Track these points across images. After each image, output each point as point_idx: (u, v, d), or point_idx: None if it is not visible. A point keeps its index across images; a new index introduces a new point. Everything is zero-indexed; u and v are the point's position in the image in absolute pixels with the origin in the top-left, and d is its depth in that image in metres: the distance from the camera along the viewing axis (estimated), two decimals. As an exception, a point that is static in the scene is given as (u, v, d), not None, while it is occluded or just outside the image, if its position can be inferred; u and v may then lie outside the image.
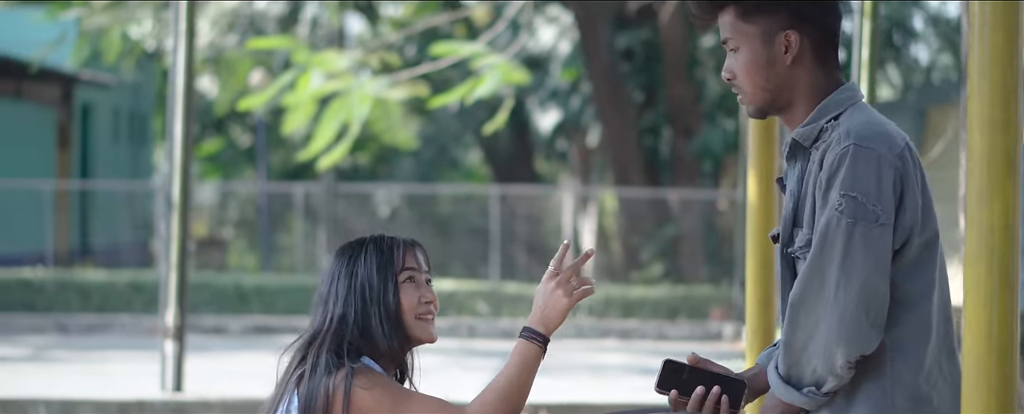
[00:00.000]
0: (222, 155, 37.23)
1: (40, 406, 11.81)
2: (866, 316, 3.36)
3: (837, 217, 3.37)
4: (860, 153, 3.39)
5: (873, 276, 3.36)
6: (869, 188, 3.38)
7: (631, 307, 19.92)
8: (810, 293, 3.39)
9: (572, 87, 26.36)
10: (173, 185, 11.73)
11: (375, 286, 3.67)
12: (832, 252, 3.36)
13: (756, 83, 3.54)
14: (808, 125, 3.51)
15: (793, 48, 3.51)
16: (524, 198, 26.09)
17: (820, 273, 3.37)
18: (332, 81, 13.11)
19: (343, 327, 3.65)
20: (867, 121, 3.46)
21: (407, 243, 3.77)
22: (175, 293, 11.64)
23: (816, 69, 3.54)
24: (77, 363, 15.17)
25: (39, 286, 19.47)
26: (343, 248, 3.76)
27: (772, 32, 3.51)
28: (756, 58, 3.52)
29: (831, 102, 3.52)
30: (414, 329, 3.72)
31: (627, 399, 12.80)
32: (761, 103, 3.57)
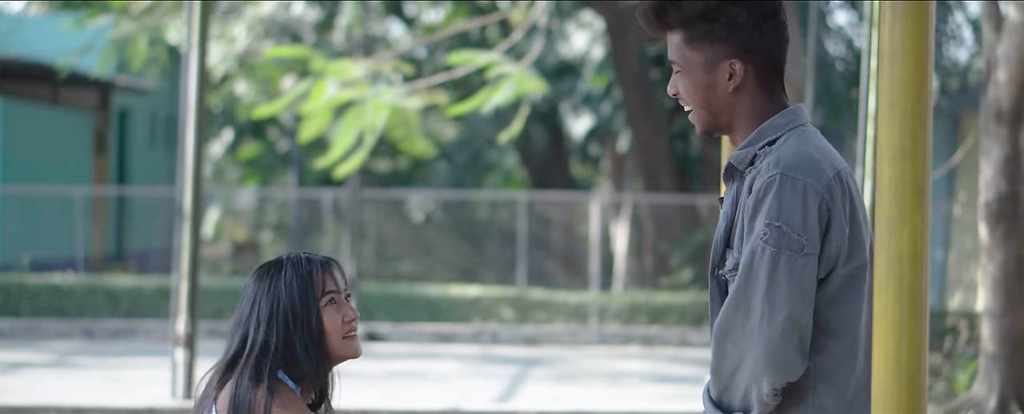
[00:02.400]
0: (261, 160, 37.40)
1: (51, 412, 11.90)
2: (791, 344, 3.38)
3: (762, 246, 3.38)
4: (786, 183, 3.41)
5: (798, 305, 3.38)
6: (794, 218, 3.39)
7: (657, 313, 19.91)
8: (736, 322, 3.41)
9: (604, 93, 26.36)
10: (185, 194, 11.80)
11: (298, 312, 3.70)
12: (756, 281, 3.39)
13: (696, 102, 3.57)
14: (743, 148, 3.54)
15: (737, 77, 3.54)
16: (554, 204, 26.11)
17: (745, 302, 3.40)
18: (347, 90, 13.16)
19: (265, 352, 3.69)
20: (798, 150, 3.47)
21: (324, 264, 3.77)
22: (186, 301, 11.71)
23: (759, 95, 3.57)
24: (98, 369, 15.28)
25: (68, 291, 19.61)
26: (261, 270, 3.77)
27: (716, 61, 3.53)
28: (697, 83, 3.55)
29: (769, 126, 3.54)
30: (339, 349, 3.76)
31: (639, 408, 12.80)
32: (701, 122, 3.59)
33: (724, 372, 3.45)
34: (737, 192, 3.55)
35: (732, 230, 3.53)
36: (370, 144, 13.40)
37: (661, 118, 23.27)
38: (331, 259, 3.82)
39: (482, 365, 16.44)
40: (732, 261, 3.49)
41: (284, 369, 3.70)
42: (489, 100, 13.26)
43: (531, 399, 13.25)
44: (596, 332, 19.30)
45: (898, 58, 3.45)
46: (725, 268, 3.52)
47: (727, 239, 3.54)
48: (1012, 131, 12.00)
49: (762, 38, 3.55)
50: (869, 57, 10.25)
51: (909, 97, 3.45)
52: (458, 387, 14.05)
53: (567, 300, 20.05)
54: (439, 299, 19.96)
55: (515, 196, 25.41)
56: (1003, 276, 12.12)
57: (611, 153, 29.42)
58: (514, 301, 20.02)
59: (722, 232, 3.56)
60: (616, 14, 22.34)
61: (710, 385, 3.52)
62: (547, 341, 19.08)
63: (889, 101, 3.47)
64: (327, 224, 25.26)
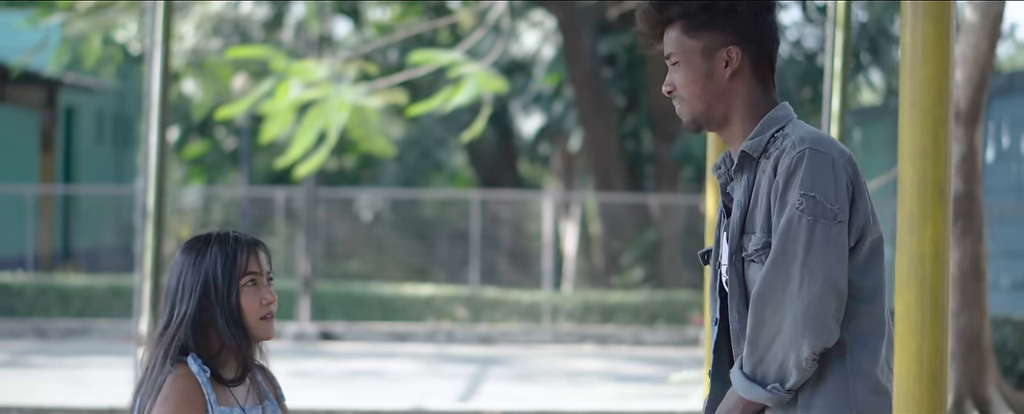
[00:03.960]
0: (207, 158, 37.23)
1: (13, 413, 11.82)
2: (829, 309, 3.49)
3: (798, 215, 3.50)
4: (816, 156, 3.54)
5: (834, 270, 3.50)
6: (827, 188, 3.52)
7: (610, 312, 19.96)
8: (775, 289, 3.51)
9: (555, 92, 26.40)
10: (148, 193, 11.72)
11: (220, 287, 3.78)
12: (795, 249, 3.50)
13: (694, 94, 3.68)
14: (756, 137, 3.64)
15: (734, 63, 3.66)
16: (505, 203, 26.12)
17: (784, 269, 3.50)
18: (310, 90, 13.12)
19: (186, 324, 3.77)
20: (815, 131, 3.62)
21: (250, 245, 3.83)
22: (149, 301, 11.64)
23: (754, 86, 3.70)
24: (54, 369, 15.18)
25: (19, 290, 19.47)
26: (190, 243, 3.85)
27: (714, 47, 3.67)
28: (695, 71, 3.67)
29: (774, 116, 3.67)
30: (255, 330, 3.81)
31: (601, 407, 12.84)
32: (697, 114, 3.70)
33: (761, 341, 3.54)
34: (750, 180, 3.65)
35: (748, 216, 3.63)
36: (332, 143, 13.36)
37: (613, 117, 23.32)
38: (258, 241, 3.87)
39: (440, 364, 16.44)
40: (756, 241, 3.59)
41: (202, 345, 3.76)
42: (451, 100, 13.24)
43: (493, 399, 13.26)
44: (551, 331, 19.33)
45: (919, 60, 3.48)
46: (747, 251, 3.61)
47: (742, 226, 3.64)
48: (968, 130, 12.10)
49: (758, 28, 3.69)
50: (832, 57, 10.29)
51: (930, 98, 3.48)
52: (418, 387, 14.05)
53: (520, 299, 20.07)
54: (392, 298, 19.94)
55: (468, 195, 25.40)
56: (959, 275, 12.22)
57: (561, 152, 29.46)
58: (468, 300, 20.02)
59: (738, 219, 3.64)
60: (568, 13, 22.38)
61: (744, 360, 3.58)
62: (502, 340, 19.09)
63: (910, 102, 3.50)
64: (278, 223, 25.18)
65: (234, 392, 3.81)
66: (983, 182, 12.18)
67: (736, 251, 3.64)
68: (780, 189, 3.55)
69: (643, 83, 24.25)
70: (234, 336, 3.76)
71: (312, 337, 18.96)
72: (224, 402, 3.77)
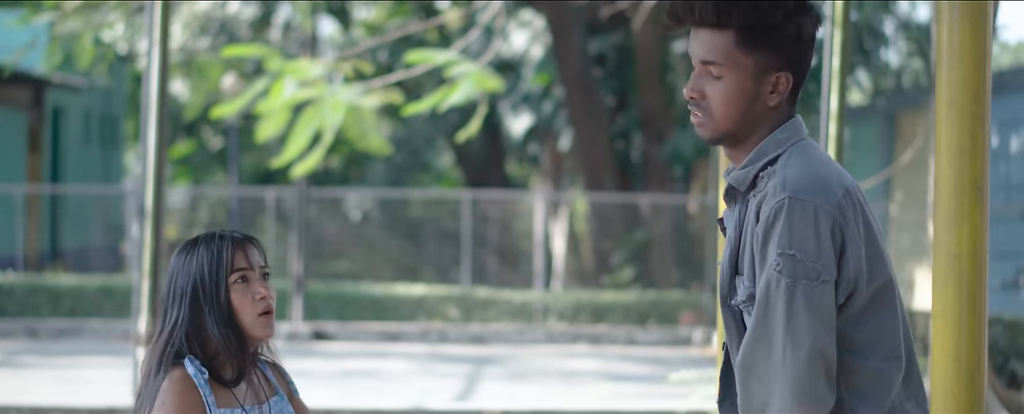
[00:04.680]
0: (193, 158, 37.19)
1: (11, 412, 11.80)
2: (818, 377, 3.23)
3: (776, 278, 3.22)
4: (795, 207, 3.22)
5: (820, 335, 3.22)
6: (807, 244, 3.21)
7: (601, 312, 19.97)
8: (758, 359, 3.26)
9: (544, 91, 26.40)
10: (146, 192, 11.70)
11: (207, 288, 3.71)
12: (775, 315, 3.23)
13: (729, 114, 3.35)
14: (743, 169, 3.37)
15: (782, 90, 3.35)
16: (495, 202, 26.12)
17: (766, 338, 3.24)
18: (305, 89, 13.10)
19: (180, 328, 3.72)
20: (804, 169, 3.29)
21: (237, 241, 3.76)
22: (147, 300, 11.62)
23: (785, 108, 3.40)
24: (48, 369, 15.15)
25: (9, 290, 19.42)
26: (181, 247, 3.79)
27: (766, 70, 3.34)
28: (743, 91, 3.34)
29: (769, 143, 3.36)
30: (250, 328, 3.74)
31: (598, 407, 12.85)
32: (723, 133, 3.38)
33: (752, 410, 3.30)
34: (740, 215, 3.38)
35: (739, 255, 3.37)
36: (328, 143, 13.34)
37: (603, 117, 23.34)
38: (247, 237, 3.79)
39: (434, 364, 16.43)
40: (744, 290, 3.33)
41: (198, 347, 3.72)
42: (447, 99, 13.22)
43: (489, 398, 13.26)
44: (543, 331, 19.34)
45: (956, 58, 3.49)
46: (738, 298, 3.36)
47: (734, 265, 3.38)
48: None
49: (807, 56, 3.38)
50: (831, 57, 10.30)
51: (967, 96, 3.50)
52: (414, 386, 14.04)
53: (512, 299, 20.07)
54: (384, 298, 19.93)
55: (458, 194, 25.40)
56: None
57: (550, 152, 29.47)
58: (459, 300, 20.01)
59: (728, 257, 3.39)
60: (558, 12, 22.38)
61: None
62: (495, 340, 19.09)
63: (948, 100, 3.51)
64: (269, 222, 25.16)
65: (235, 393, 3.75)
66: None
67: (729, 293, 3.39)
68: (760, 242, 3.26)
69: (633, 83, 24.26)
70: (224, 336, 3.70)
71: (305, 337, 18.96)
72: (225, 404, 3.72)
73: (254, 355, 3.86)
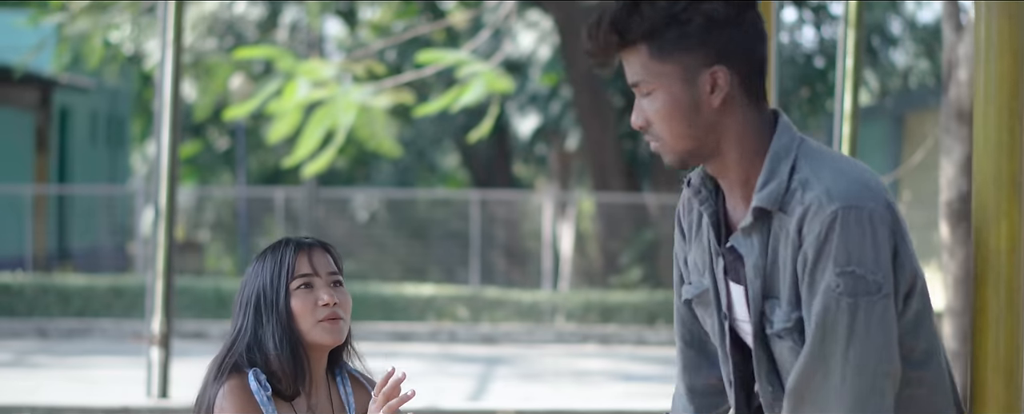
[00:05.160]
0: (199, 158, 37.23)
1: (26, 412, 11.81)
2: (881, 399, 2.98)
3: (836, 299, 2.93)
4: (850, 216, 2.93)
5: (884, 355, 2.97)
6: (865, 256, 2.93)
7: (610, 312, 19.98)
8: (814, 386, 2.97)
9: (552, 92, 26.42)
10: (160, 192, 11.73)
11: (268, 295, 3.62)
12: (834, 338, 2.95)
13: (677, 131, 2.99)
14: (767, 186, 3.00)
15: (722, 87, 2.97)
16: (503, 203, 26.13)
17: (823, 361, 2.96)
18: (318, 90, 13.13)
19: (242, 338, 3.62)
20: (839, 173, 2.98)
21: (300, 247, 3.66)
22: (161, 300, 11.64)
23: (748, 107, 3.01)
24: (59, 369, 15.16)
25: (19, 290, 19.44)
26: (255, 258, 3.71)
27: (695, 70, 2.97)
28: (677, 102, 2.97)
29: (779, 149, 3.02)
30: (311, 334, 3.60)
31: (610, 406, 12.86)
32: (683, 152, 3.02)
33: None
34: (765, 237, 3.03)
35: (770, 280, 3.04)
36: (340, 143, 13.38)
37: (611, 117, 23.34)
38: (316, 242, 3.69)
39: (445, 364, 16.44)
40: (781, 317, 3.02)
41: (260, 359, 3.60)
42: (459, 99, 13.26)
43: (502, 398, 13.28)
44: (553, 331, 19.35)
45: (994, 55, 3.49)
46: (775, 327, 3.04)
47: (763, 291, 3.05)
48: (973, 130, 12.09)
49: (745, 35, 2.99)
50: (845, 56, 10.30)
51: (1006, 93, 3.50)
52: (427, 386, 14.05)
53: (521, 299, 20.08)
54: (393, 298, 19.95)
55: (467, 195, 25.42)
56: (964, 275, 12.22)
57: (558, 152, 29.49)
58: (468, 300, 20.03)
59: (758, 291, 3.05)
60: (566, 13, 22.39)
61: None
62: (505, 340, 19.10)
63: (985, 97, 3.52)
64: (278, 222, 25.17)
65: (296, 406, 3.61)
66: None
67: (759, 321, 3.06)
68: (810, 263, 2.95)
69: (640, 83, 24.26)
70: (279, 348, 3.57)
71: (314, 337, 18.96)
72: None
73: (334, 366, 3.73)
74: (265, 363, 3.59)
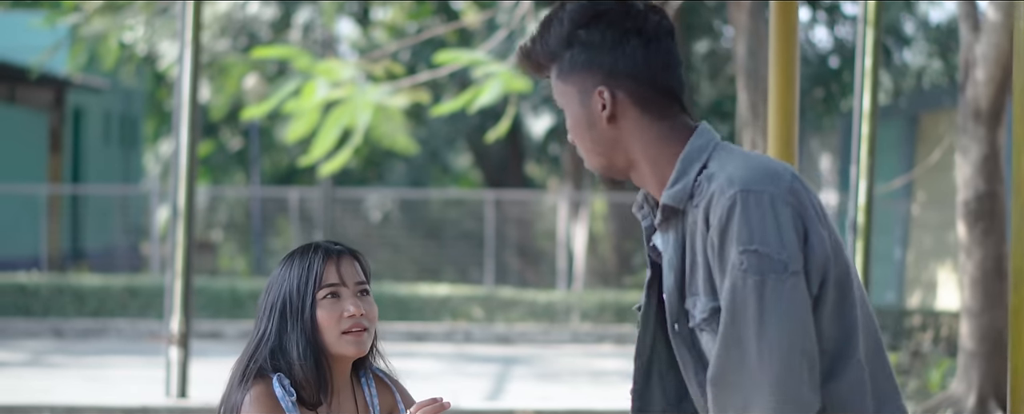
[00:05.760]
0: (212, 159, 37.27)
1: (44, 412, 11.83)
2: (800, 379, 2.93)
3: (741, 277, 2.95)
4: (749, 199, 2.97)
5: (798, 333, 2.94)
6: (768, 236, 2.96)
7: (625, 312, 19.99)
8: (729, 368, 2.96)
9: (565, 92, 26.43)
10: (178, 192, 11.76)
11: (294, 302, 3.58)
12: (745, 317, 2.94)
13: (585, 146, 3.15)
14: (676, 184, 3.07)
15: (607, 104, 3.10)
16: (517, 203, 26.15)
17: (738, 345, 2.95)
18: (336, 89, 13.15)
19: (266, 343, 3.59)
20: (745, 162, 3.05)
21: (329, 255, 3.62)
22: (180, 300, 11.66)
23: (650, 124, 3.11)
24: (76, 368, 15.19)
25: (34, 290, 19.48)
26: (283, 260, 3.66)
27: (586, 91, 3.11)
28: (577, 119, 3.14)
29: (692, 150, 3.09)
30: (337, 346, 3.58)
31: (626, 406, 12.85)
32: (597, 166, 3.16)
33: None
34: (680, 234, 3.09)
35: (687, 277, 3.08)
36: (357, 142, 13.39)
37: (624, 118, 23.34)
38: (344, 250, 3.64)
39: (462, 364, 16.46)
40: (701, 308, 3.04)
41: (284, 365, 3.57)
42: (477, 100, 13.27)
43: (520, 398, 13.29)
44: (569, 331, 19.35)
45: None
46: (695, 319, 3.06)
47: (681, 290, 3.08)
48: (990, 130, 12.07)
49: (626, 59, 3.10)
50: (863, 56, 10.28)
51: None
52: (444, 386, 14.06)
53: (536, 299, 20.09)
54: (408, 298, 19.96)
55: (481, 195, 25.44)
56: (982, 274, 12.20)
57: (571, 153, 29.48)
58: (483, 300, 20.03)
59: (673, 285, 3.09)
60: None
61: None
62: (520, 340, 19.11)
63: (1023, 97, 3.52)
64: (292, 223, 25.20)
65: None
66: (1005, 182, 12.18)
67: (679, 319, 3.08)
68: (716, 247, 2.98)
69: (654, 83, 24.27)
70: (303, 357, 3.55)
71: (329, 337, 18.97)
72: None
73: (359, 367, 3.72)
74: (289, 370, 3.57)
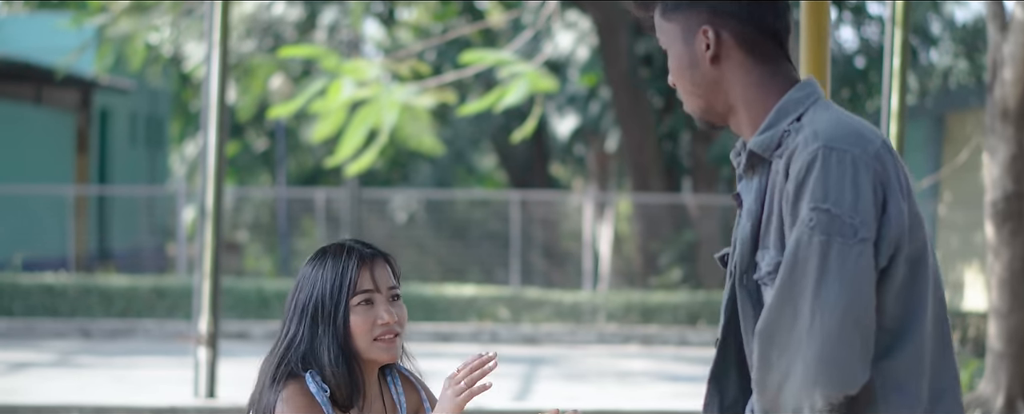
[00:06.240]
0: (238, 159, 37.37)
1: (73, 412, 11.87)
2: (850, 349, 2.83)
3: (808, 235, 2.86)
4: (832, 156, 2.89)
5: (856, 301, 2.84)
6: (843, 197, 2.87)
7: (651, 312, 19.97)
8: (781, 326, 2.88)
9: (590, 93, 26.43)
10: (206, 192, 11.78)
11: (326, 307, 3.57)
12: (804, 276, 2.86)
13: (685, 88, 3.12)
14: (765, 131, 3.03)
15: (711, 44, 3.08)
16: (543, 203, 26.15)
17: (792, 302, 2.87)
18: (362, 89, 13.17)
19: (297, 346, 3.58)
20: (836, 119, 2.98)
21: (364, 260, 3.60)
22: (209, 300, 11.69)
23: (753, 67, 3.07)
24: (104, 369, 15.23)
25: (61, 291, 19.54)
26: (314, 255, 3.66)
27: (691, 29, 3.10)
28: (679, 59, 3.12)
29: (789, 101, 3.03)
30: (369, 352, 3.57)
31: (656, 406, 12.86)
32: (696, 109, 3.13)
33: (770, 386, 2.90)
34: (763, 184, 3.04)
35: (762, 228, 3.01)
36: (383, 142, 13.41)
37: (650, 118, 23.34)
38: (377, 254, 3.63)
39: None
40: (770, 261, 2.96)
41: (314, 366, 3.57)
42: (503, 99, 13.28)
43: (547, 398, 13.29)
44: (595, 331, 19.35)
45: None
46: (760, 271, 2.99)
47: (755, 240, 3.02)
48: (1018, 130, 12.02)
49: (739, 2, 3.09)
50: (891, 56, 10.27)
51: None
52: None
53: (562, 299, 20.09)
54: (435, 299, 19.97)
55: (507, 196, 25.45)
56: (1010, 275, 12.15)
57: (596, 153, 29.49)
58: (509, 300, 20.04)
59: (748, 233, 3.03)
60: (605, 13, 22.39)
61: (754, 403, 2.97)
62: (546, 340, 19.12)
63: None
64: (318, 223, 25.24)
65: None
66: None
67: (747, 270, 3.02)
68: (791, 200, 2.91)
69: (680, 83, 24.26)
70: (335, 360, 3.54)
71: (355, 337, 18.99)
72: None
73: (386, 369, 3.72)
74: (320, 372, 3.57)
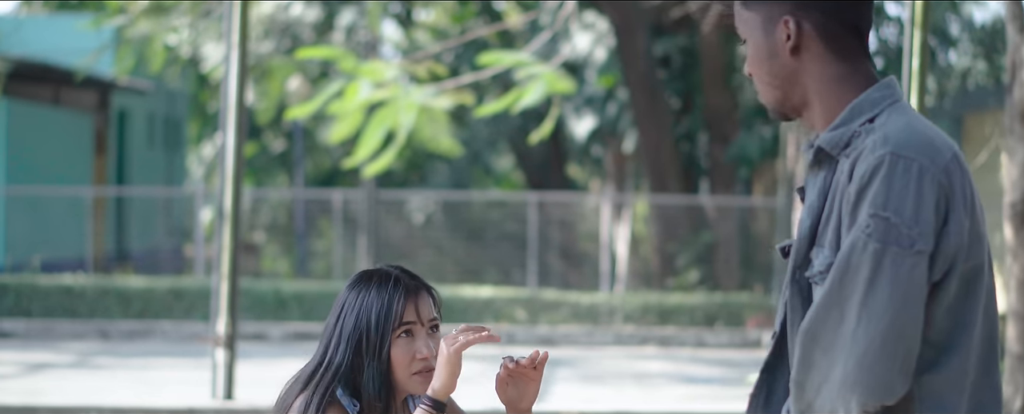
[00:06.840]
0: (255, 160, 37.41)
1: (92, 413, 11.88)
2: (892, 361, 2.81)
3: (864, 240, 2.84)
4: (898, 164, 2.86)
5: (903, 313, 2.82)
6: (905, 206, 2.84)
7: (668, 314, 19.96)
8: (827, 327, 2.87)
9: (608, 94, 26.40)
10: (225, 194, 11.80)
11: (371, 337, 3.60)
12: (855, 281, 2.84)
13: (762, 79, 3.10)
14: (837, 128, 2.99)
15: (793, 37, 3.04)
16: (560, 205, 26.14)
17: (839, 305, 2.86)
18: (380, 90, 13.15)
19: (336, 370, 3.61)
20: (908, 125, 2.93)
21: (410, 292, 3.63)
22: (227, 302, 11.70)
23: (832, 61, 3.04)
24: (121, 370, 15.25)
25: (80, 292, 19.58)
26: (356, 279, 3.67)
27: (772, 19, 3.07)
28: (758, 49, 3.09)
29: (865, 101, 2.99)
30: (406, 385, 3.61)
31: (674, 408, 12.84)
32: (772, 101, 3.11)
33: (808, 387, 2.88)
34: (827, 181, 3.00)
35: (821, 225, 2.98)
36: (401, 143, 13.39)
37: (667, 119, 23.32)
38: (421, 286, 3.66)
39: (505, 365, 16.45)
40: (822, 261, 2.94)
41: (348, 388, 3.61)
42: (520, 101, 13.25)
43: (565, 400, 13.28)
44: (612, 333, 19.33)
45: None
46: (812, 270, 2.97)
47: (813, 237, 3.00)
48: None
49: None
50: (910, 57, 10.24)
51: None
52: (489, 387, 14.06)
53: (580, 301, 20.08)
54: (452, 300, 19.98)
55: (524, 197, 25.44)
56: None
57: (614, 154, 29.46)
58: (526, 302, 20.03)
59: (807, 229, 3.00)
60: (623, 14, 22.36)
61: (792, 402, 2.95)
62: (563, 342, 19.11)
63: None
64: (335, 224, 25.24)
65: None
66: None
67: (801, 265, 3.00)
68: (851, 202, 2.88)
69: (698, 85, 24.24)
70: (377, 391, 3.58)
71: (373, 338, 18.99)
72: None
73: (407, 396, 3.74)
74: (356, 394, 3.61)
